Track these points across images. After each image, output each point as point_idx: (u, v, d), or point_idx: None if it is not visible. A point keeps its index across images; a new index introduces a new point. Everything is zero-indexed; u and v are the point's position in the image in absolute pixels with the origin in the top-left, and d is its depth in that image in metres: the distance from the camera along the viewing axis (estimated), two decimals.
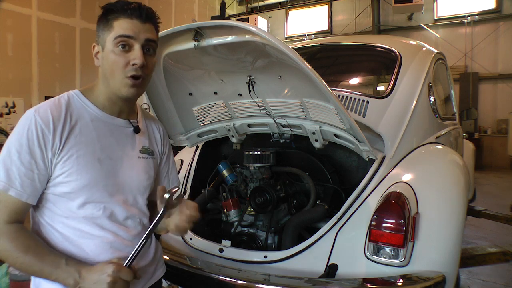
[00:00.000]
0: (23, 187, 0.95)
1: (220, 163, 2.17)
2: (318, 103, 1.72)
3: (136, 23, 1.02)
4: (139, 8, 1.03)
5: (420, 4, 10.31)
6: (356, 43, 2.76)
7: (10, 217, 0.94)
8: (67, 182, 0.98)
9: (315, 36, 12.98)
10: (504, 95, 10.72)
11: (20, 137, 0.96)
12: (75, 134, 1.00)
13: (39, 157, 0.96)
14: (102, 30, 1.03)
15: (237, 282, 1.43)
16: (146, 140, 1.16)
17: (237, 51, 1.55)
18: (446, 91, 3.03)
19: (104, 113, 1.07)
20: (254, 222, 1.99)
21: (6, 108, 8.22)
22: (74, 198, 1.00)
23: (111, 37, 1.01)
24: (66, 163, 0.98)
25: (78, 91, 1.07)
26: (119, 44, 1.01)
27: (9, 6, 8.04)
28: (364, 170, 1.78)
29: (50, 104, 1.01)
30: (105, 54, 1.03)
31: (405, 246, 1.38)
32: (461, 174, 1.73)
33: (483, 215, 3.38)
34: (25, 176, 0.95)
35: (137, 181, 1.10)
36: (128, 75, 1.01)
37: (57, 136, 0.98)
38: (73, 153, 0.99)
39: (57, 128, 0.98)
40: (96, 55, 1.06)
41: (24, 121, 0.97)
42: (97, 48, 1.06)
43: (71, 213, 1.01)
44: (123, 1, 1.03)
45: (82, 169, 0.99)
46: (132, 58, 1.01)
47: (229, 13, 13.78)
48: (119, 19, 1.02)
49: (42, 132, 0.96)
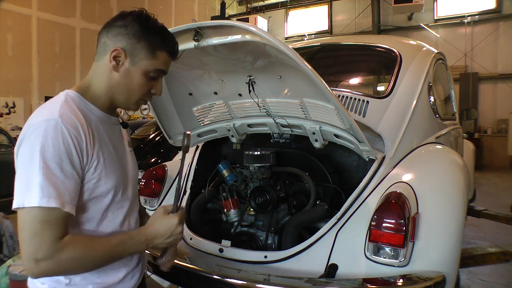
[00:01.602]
0: (73, 201, 0.92)
1: (220, 163, 2.17)
2: (318, 103, 1.72)
3: (171, 61, 1.08)
4: (177, 47, 1.09)
5: (420, 4, 10.32)
6: (356, 43, 2.76)
7: (64, 232, 0.91)
8: (97, 186, 0.99)
9: (315, 36, 12.99)
10: (504, 95, 10.72)
11: (57, 150, 0.90)
12: (96, 138, 1.00)
13: (78, 166, 0.94)
14: (142, 48, 1.02)
15: (237, 282, 1.43)
16: (127, 134, 1.21)
17: (237, 51, 1.55)
18: (446, 91, 3.03)
19: (104, 113, 1.07)
20: (254, 222, 1.99)
21: (6, 108, 8.23)
22: (101, 201, 1.01)
23: (150, 65, 1.03)
24: (97, 168, 0.98)
25: (76, 93, 1.04)
26: (152, 75, 1.04)
27: (9, 6, 8.05)
28: (364, 170, 1.78)
29: (66, 108, 0.97)
30: (133, 72, 1.03)
31: (405, 246, 1.38)
32: (461, 174, 1.73)
33: (483, 215, 3.38)
34: (72, 189, 0.92)
35: (135, 174, 1.17)
36: (143, 98, 1.08)
37: (88, 141, 0.96)
38: (100, 157, 0.99)
39: (86, 133, 0.96)
40: (119, 63, 1.02)
41: (52, 132, 0.91)
42: (124, 57, 1.02)
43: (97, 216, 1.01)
44: (173, 37, 1.07)
45: (109, 171, 1.01)
46: (155, 87, 1.08)
47: (229, 13, 13.78)
48: (163, 51, 1.04)
49: (76, 139, 0.93)
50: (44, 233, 0.87)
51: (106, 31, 1.03)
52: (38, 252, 0.86)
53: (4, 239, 2.79)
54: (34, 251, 0.86)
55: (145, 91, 1.06)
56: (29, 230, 0.87)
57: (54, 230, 0.88)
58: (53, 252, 0.87)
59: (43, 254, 0.86)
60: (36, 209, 0.87)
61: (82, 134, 0.95)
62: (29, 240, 0.87)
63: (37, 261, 0.86)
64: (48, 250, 0.87)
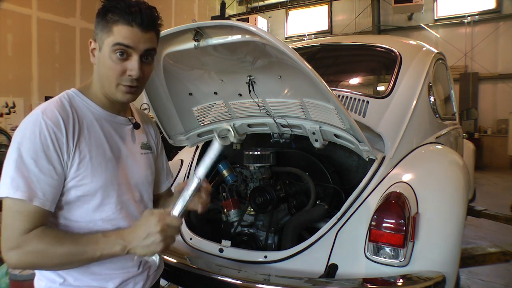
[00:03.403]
0: (45, 195, 0.91)
1: (220, 163, 2.17)
2: (318, 103, 1.72)
3: (136, 32, 0.95)
4: (141, 14, 0.95)
5: (420, 4, 10.31)
6: (356, 43, 2.76)
7: (34, 225, 0.90)
8: (81, 185, 0.96)
9: (315, 36, 12.98)
10: (504, 95, 10.71)
11: (33, 143, 0.90)
12: (84, 135, 0.97)
13: (56, 161, 0.92)
14: (101, 30, 0.98)
15: (237, 282, 1.43)
16: (144, 136, 1.17)
17: (237, 51, 1.55)
18: (446, 91, 3.03)
19: (105, 111, 1.05)
20: (254, 222, 1.99)
21: (6, 108, 8.22)
22: (89, 201, 0.98)
23: (109, 42, 0.96)
24: (80, 166, 0.95)
25: (77, 90, 1.03)
26: (117, 52, 0.96)
27: (9, 6, 8.05)
28: (364, 170, 1.78)
29: (55, 105, 0.96)
30: (102, 56, 0.99)
31: (405, 246, 1.38)
32: (461, 174, 1.73)
33: (483, 215, 3.38)
34: (46, 183, 0.91)
35: (143, 178, 1.12)
36: (123, 83, 0.99)
37: (70, 137, 0.94)
38: (86, 155, 0.96)
39: (68, 129, 0.94)
40: (93, 51, 1.02)
41: (32, 126, 0.91)
42: (93, 44, 1.01)
43: (87, 218, 0.98)
44: (124, 2, 0.96)
45: (96, 170, 0.97)
46: (129, 68, 0.97)
47: (229, 13, 13.77)
48: (118, 24, 0.95)
49: (55, 134, 0.92)
50: (14, 224, 0.89)
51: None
52: (7, 242, 0.89)
53: None
54: (5, 240, 0.89)
55: (119, 73, 0.97)
56: (4, 220, 0.90)
57: (24, 222, 0.89)
58: (20, 243, 0.88)
59: (11, 244, 0.88)
60: (9, 200, 0.89)
61: (63, 129, 0.93)
62: (3, 229, 0.90)
63: (7, 250, 0.89)
64: (15, 241, 0.88)
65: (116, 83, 0.99)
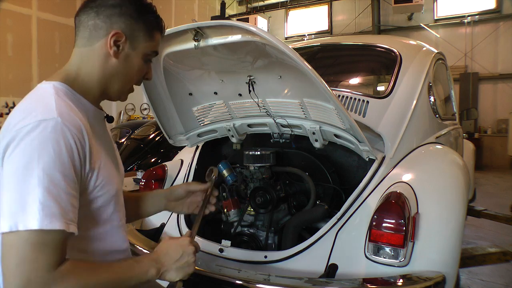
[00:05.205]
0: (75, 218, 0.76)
1: (220, 163, 2.17)
2: (318, 103, 1.72)
3: None
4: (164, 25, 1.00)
5: (420, 4, 10.31)
6: (356, 43, 2.76)
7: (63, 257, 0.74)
8: (100, 196, 0.86)
9: (315, 36, 12.98)
10: (504, 95, 10.72)
11: (58, 157, 0.74)
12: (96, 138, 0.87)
13: (79, 175, 0.79)
14: (140, 30, 0.92)
15: (237, 282, 1.43)
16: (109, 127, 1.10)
17: (237, 51, 1.55)
18: (446, 91, 3.03)
19: (95, 107, 0.95)
20: (254, 222, 1.99)
21: (6, 108, 8.23)
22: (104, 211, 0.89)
23: (149, 47, 0.95)
24: (99, 175, 0.84)
25: (64, 85, 0.88)
26: (149, 57, 0.97)
27: (9, 6, 8.05)
28: (364, 170, 1.78)
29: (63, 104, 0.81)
30: (133, 55, 0.93)
31: (405, 246, 1.38)
32: (461, 174, 1.73)
33: (483, 215, 3.38)
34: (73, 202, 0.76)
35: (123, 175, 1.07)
36: (136, 84, 0.99)
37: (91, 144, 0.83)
38: (100, 161, 0.86)
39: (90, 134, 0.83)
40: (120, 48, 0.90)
41: (52, 134, 0.74)
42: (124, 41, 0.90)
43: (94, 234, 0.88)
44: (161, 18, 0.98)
45: (110, 177, 0.89)
46: (148, 72, 0.99)
47: (229, 13, 13.77)
48: (158, 32, 0.97)
49: (80, 143, 0.79)
50: (38, 259, 0.69)
51: (95, 11, 0.88)
52: (29, 284, 0.68)
53: None
54: (24, 283, 0.67)
55: (141, 77, 0.98)
56: (17, 256, 0.68)
57: (51, 255, 0.70)
58: (48, 284, 0.69)
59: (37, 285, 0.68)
60: (32, 232, 0.69)
61: (86, 136, 0.81)
62: (16, 269, 0.67)
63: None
64: (42, 282, 0.68)
65: (132, 84, 0.97)
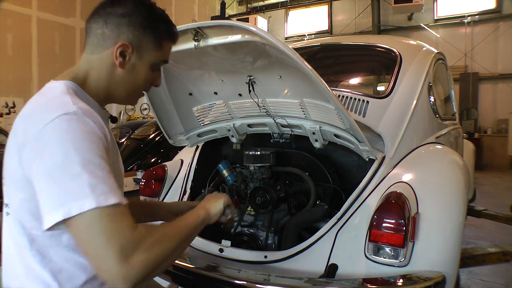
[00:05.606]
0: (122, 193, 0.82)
1: (220, 163, 2.17)
2: (318, 103, 1.72)
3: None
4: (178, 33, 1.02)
5: (420, 4, 10.31)
6: (356, 43, 2.76)
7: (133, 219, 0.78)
8: None
9: (315, 36, 12.98)
10: (504, 95, 10.72)
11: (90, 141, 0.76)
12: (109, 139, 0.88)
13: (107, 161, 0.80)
14: (149, 40, 0.93)
15: (237, 282, 1.43)
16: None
17: (237, 51, 1.55)
18: (446, 91, 3.03)
19: (103, 109, 0.97)
20: (254, 222, 1.99)
21: (6, 108, 8.23)
22: None
23: (156, 56, 0.96)
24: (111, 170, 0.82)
25: (75, 84, 0.90)
26: (158, 66, 0.98)
27: (9, 6, 8.05)
28: (364, 170, 1.78)
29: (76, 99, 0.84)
30: (140, 65, 0.94)
31: (405, 246, 1.38)
32: (461, 174, 1.73)
33: (483, 215, 3.38)
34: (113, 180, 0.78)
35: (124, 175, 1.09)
36: (144, 91, 1.02)
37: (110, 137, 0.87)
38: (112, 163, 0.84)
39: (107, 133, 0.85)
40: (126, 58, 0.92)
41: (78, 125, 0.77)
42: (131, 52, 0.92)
43: None
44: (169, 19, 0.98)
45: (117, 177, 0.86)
46: (156, 79, 1.01)
47: (229, 13, 13.78)
48: (167, 40, 0.97)
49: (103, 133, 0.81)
50: (116, 227, 0.72)
51: (104, 20, 0.90)
52: (124, 249, 0.71)
53: None
54: (119, 250, 0.70)
55: (149, 85, 0.99)
56: (99, 233, 0.71)
57: (125, 220, 0.74)
58: (138, 239, 0.73)
59: (131, 246, 0.71)
60: (95, 211, 0.71)
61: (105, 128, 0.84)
62: (106, 243, 0.70)
63: (127, 259, 0.70)
64: (133, 241, 0.72)
65: (142, 90, 1.00)
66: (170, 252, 0.80)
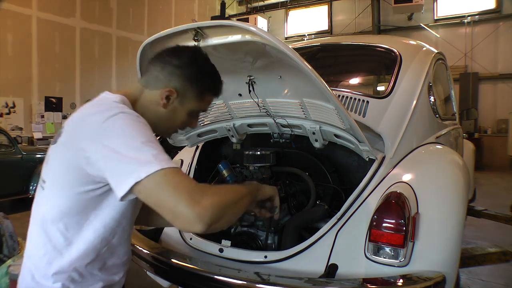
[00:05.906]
0: None
1: (220, 163, 2.16)
2: (318, 103, 1.72)
3: None
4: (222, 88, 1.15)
5: (420, 4, 10.32)
6: (356, 43, 2.76)
7: None
8: None
9: (315, 36, 12.98)
10: (504, 95, 10.72)
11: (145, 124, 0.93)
12: None
13: None
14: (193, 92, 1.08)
15: (237, 282, 1.43)
16: None
17: (237, 51, 1.55)
18: (446, 91, 3.03)
19: None
20: (254, 222, 1.99)
21: (6, 108, 8.23)
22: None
23: (197, 106, 1.10)
24: None
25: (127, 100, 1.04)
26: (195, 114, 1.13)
27: (9, 6, 8.05)
28: (364, 170, 1.78)
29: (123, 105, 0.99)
30: (179, 111, 1.09)
31: (405, 246, 1.38)
32: (461, 174, 1.73)
33: (483, 215, 3.38)
34: None
35: None
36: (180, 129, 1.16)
37: None
38: None
39: None
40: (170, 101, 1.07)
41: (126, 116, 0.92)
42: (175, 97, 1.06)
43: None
44: (220, 78, 1.13)
45: None
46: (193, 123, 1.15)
47: (229, 13, 13.78)
48: (210, 94, 1.12)
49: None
50: (184, 179, 0.85)
51: (161, 66, 1.07)
52: (192, 194, 0.82)
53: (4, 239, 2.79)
54: (189, 197, 0.81)
55: (184, 126, 1.14)
56: (168, 187, 0.83)
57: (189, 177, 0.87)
58: (203, 188, 0.85)
59: (198, 193, 0.83)
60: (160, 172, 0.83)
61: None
62: (176, 192, 0.82)
63: (198, 202, 0.81)
64: (198, 190, 0.84)
65: (177, 129, 1.15)
66: (228, 203, 0.90)
